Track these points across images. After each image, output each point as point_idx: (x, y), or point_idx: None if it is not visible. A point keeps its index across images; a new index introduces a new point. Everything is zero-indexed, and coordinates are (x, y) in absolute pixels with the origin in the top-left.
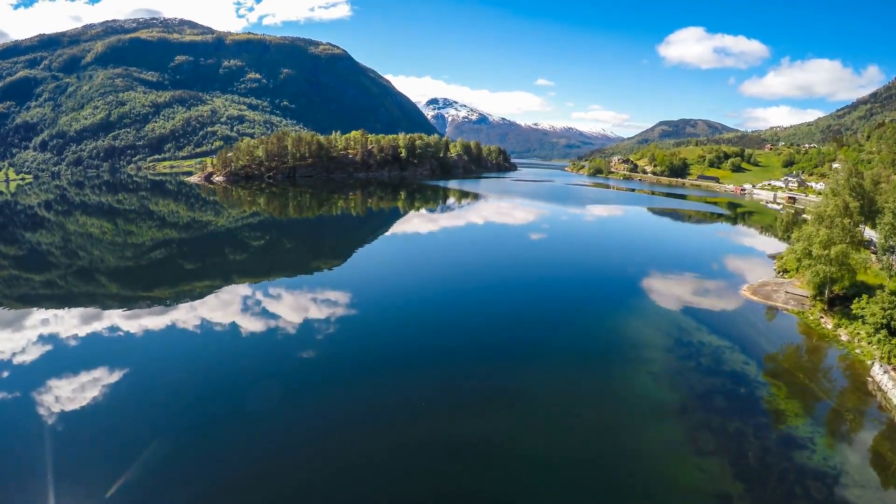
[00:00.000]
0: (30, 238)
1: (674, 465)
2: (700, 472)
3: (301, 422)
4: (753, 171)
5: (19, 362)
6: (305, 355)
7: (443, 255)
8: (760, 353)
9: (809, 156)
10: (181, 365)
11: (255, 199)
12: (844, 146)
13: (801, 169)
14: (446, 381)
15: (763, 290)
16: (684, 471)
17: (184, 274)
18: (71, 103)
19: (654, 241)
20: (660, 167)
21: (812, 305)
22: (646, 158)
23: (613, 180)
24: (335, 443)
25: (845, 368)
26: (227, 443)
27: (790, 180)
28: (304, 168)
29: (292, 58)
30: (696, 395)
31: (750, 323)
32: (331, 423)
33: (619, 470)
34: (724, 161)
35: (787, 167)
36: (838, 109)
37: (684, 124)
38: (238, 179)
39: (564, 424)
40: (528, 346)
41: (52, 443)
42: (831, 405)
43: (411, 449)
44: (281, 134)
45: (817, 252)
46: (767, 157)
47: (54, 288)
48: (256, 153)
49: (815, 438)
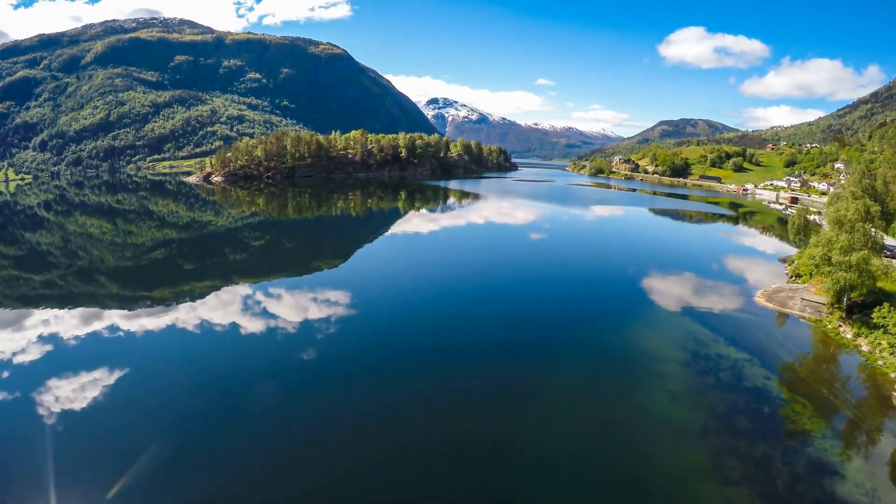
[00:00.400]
0: (30, 238)
1: (699, 494)
2: (727, 502)
3: (303, 422)
4: (755, 171)
5: (19, 362)
6: (306, 355)
7: (444, 255)
8: (780, 365)
9: (811, 156)
10: (182, 365)
11: (253, 200)
12: (846, 146)
13: (804, 169)
14: (448, 382)
15: (778, 297)
16: (711, 501)
17: (183, 274)
18: (70, 103)
19: (658, 242)
20: (661, 167)
21: (829, 313)
22: (647, 158)
23: (615, 180)
24: (337, 443)
25: (867, 380)
26: (228, 443)
27: (792, 180)
28: (303, 168)
29: (292, 57)
30: (717, 415)
31: (767, 332)
32: (332, 423)
33: (638, 495)
34: (725, 161)
35: (789, 167)
36: (839, 109)
37: (685, 124)
38: (237, 179)
39: (575, 431)
40: (535, 350)
41: (53, 443)
42: (858, 423)
43: (412, 449)
44: (280, 134)
45: (837, 258)
46: (769, 157)
47: (54, 288)
48: (255, 153)
49: (845, 464)
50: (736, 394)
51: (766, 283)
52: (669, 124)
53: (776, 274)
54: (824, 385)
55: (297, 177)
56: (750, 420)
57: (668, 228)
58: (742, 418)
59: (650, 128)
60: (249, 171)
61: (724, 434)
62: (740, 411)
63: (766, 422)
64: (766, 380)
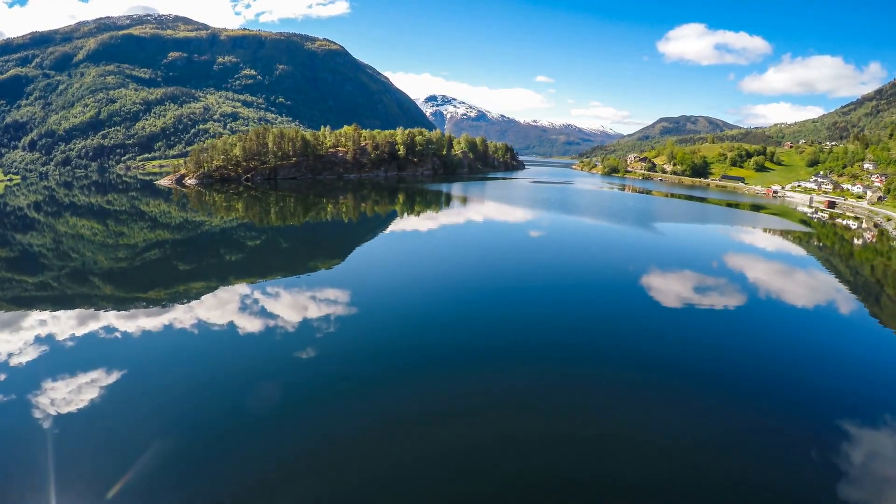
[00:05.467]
0: (21, 240)
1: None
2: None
3: (303, 422)
4: (777, 171)
5: (15, 364)
6: (304, 355)
7: (445, 255)
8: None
9: (835, 155)
10: (180, 365)
11: (231, 205)
12: (872, 145)
13: (829, 169)
14: (451, 383)
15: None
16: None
17: (178, 274)
18: (61, 101)
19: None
20: (680, 166)
21: None
22: (663, 156)
23: (630, 180)
24: (337, 443)
25: None
26: (227, 444)
27: (821, 181)
28: (286, 168)
29: (288, 53)
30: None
31: None
32: (332, 422)
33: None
34: (746, 160)
35: (812, 167)
36: (843, 106)
37: (685, 121)
38: (212, 182)
39: (587, 446)
40: (552, 353)
41: (52, 443)
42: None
43: (414, 453)
44: (262, 129)
45: None
46: (789, 156)
47: (48, 290)
48: (234, 152)
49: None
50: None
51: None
52: (670, 121)
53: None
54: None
55: (280, 178)
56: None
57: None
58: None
59: (650, 125)
60: (226, 173)
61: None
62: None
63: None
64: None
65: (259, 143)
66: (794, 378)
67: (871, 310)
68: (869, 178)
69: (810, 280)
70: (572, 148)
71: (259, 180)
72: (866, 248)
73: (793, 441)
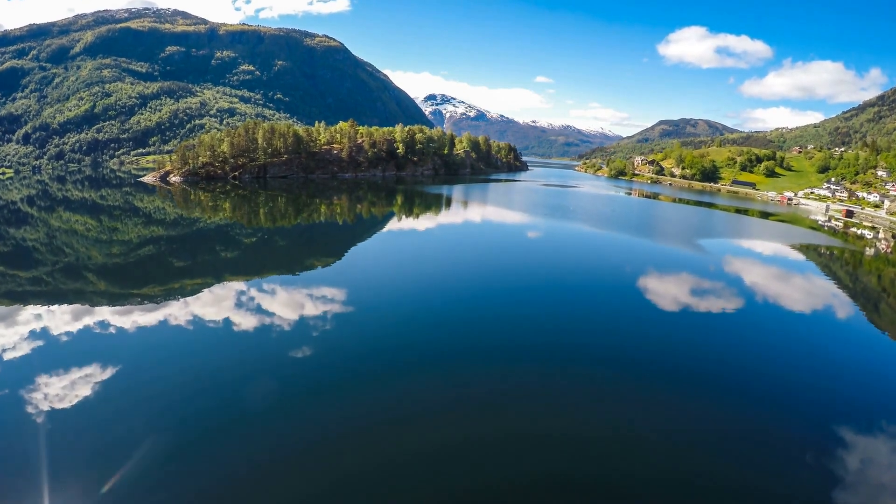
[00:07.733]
0: (14, 234)
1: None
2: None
3: (300, 420)
4: (788, 177)
5: (9, 359)
6: (300, 353)
7: (444, 255)
8: None
9: (846, 161)
10: (175, 361)
11: (218, 205)
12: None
13: (841, 176)
14: (446, 382)
15: None
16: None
17: (173, 270)
18: (56, 94)
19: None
20: (690, 170)
21: None
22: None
23: (639, 184)
24: (331, 440)
25: None
26: (222, 440)
27: (834, 188)
28: (276, 166)
29: (287, 49)
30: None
31: None
32: (327, 420)
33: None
34: (756, 164)
35: (823, 173)
36: (845, 111)
37: (685, 124)
38: (198, 180)
39: (585, 438)
40: (547, 353)
41: (45, 440)
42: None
43: (408, 451)
44: (251, 124)
45: None
46: (799, 161)
47: (42, 285)
48: (221, 148)
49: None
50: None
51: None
52: (669, 124)
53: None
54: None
55: (269, 177)
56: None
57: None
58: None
59: (650, 127)
60: (213, 171)
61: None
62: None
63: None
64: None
65: (248, 139)
66: (789, 382)
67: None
68: (884, 187)
69: (807, 284)
70: (571, 149)
71: (247, 179)
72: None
73: (788, 445)
